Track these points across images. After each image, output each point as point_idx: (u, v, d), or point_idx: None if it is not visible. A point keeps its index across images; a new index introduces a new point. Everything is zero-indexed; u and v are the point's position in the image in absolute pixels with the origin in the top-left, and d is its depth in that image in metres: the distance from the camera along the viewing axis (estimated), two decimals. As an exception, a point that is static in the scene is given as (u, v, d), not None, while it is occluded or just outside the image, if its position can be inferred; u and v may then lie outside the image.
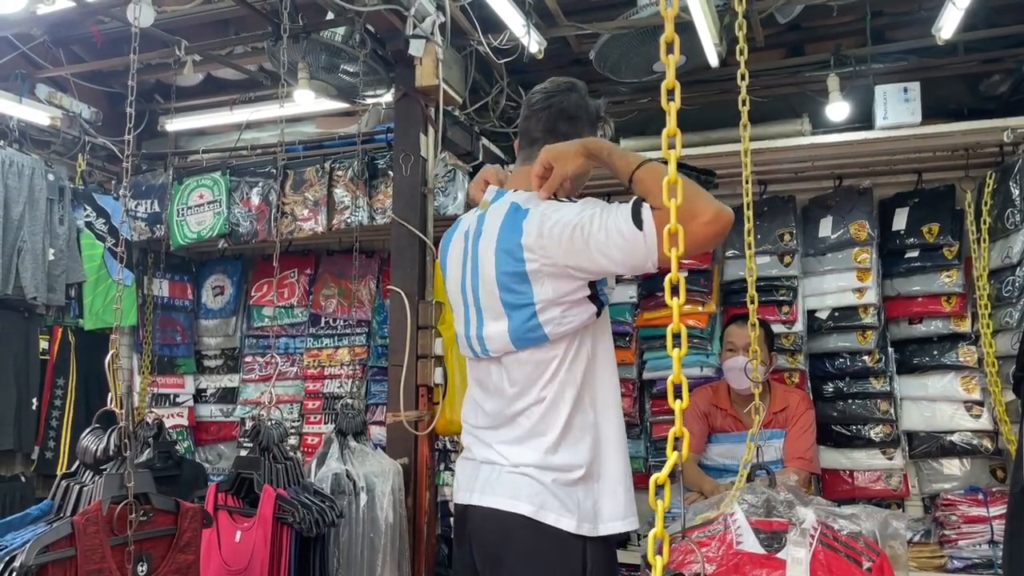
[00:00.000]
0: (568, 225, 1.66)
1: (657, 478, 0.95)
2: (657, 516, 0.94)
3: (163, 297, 4.80)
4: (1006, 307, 3.17)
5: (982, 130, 3.18)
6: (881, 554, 1.81)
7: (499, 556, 1.77)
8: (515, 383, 1.83)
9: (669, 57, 1.02)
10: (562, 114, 1.90)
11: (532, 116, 1.93)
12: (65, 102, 4.14)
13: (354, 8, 2.81)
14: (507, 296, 1.78)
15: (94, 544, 1.57)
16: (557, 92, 1.92)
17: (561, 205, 1.73)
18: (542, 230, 1.70)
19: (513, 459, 1.81)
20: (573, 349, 1.81)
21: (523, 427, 1.82)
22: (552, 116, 1.90)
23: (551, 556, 1.72)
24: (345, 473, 2.46)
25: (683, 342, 0.99)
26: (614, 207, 1.65)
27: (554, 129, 1.89)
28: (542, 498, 1.73)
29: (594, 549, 1.72)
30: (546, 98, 1.92)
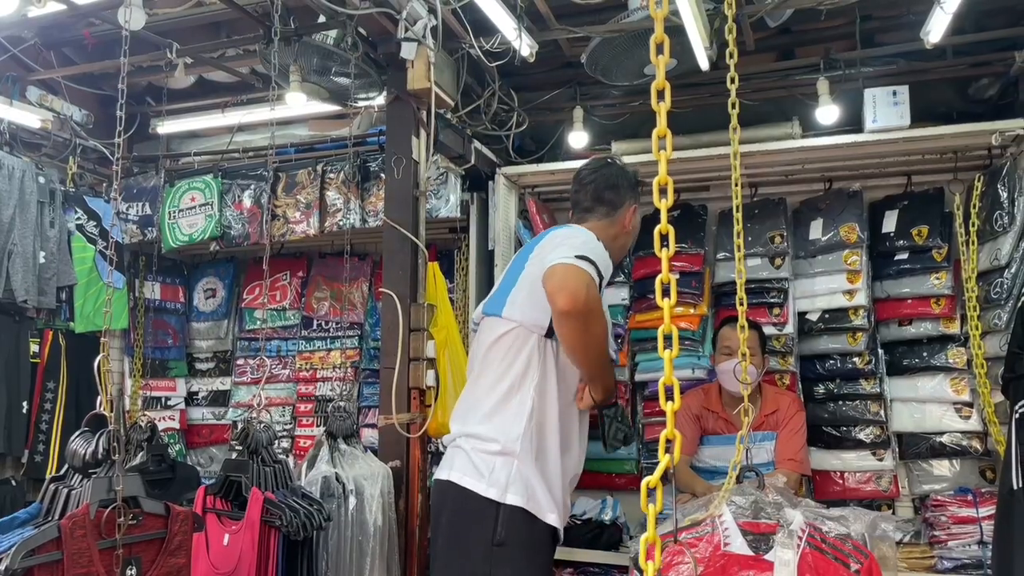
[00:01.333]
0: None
1: (648, 481, 0.95)
2: (649, 520, 0.94)
3: (155, 300, 4.78)
4: (995, 309, 3.19)
5: (971, 133, 3.19)
6: (869, 556, 1.82)
7: (438, 517, 2.24)
8: (475, 362, 2.36)
9: (659, 58, 1.03)
10: (607, 184, 2.41)
11: (581, 189, 2.44)
12: (56, 105, 4.13)
13: (346, 11, 2.81)
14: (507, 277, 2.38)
15: (81, 548, 1.56)
16: (601, 167, 2.46)
17: (567, 243, 2.15)
18: (544, 248, 2.20)
19: (454, 432, 2.29)
20: (529, 340, 2.21)
21: (468, 401, 2.31)
22: (598, 188, 2.41)
23: (468, 516, 2.13)
24: (334, 476, 2.46)
25: (675, 344, 0.99)
26: (571, 245, 2.13)
27: (601, 198, 2.41)
28: (464, 465, 2.17)
29: (508, 516, 2.09)
30: (591, 173, 2.46)
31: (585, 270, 2.00)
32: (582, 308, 1.98)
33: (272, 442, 2.24)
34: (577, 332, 2.04)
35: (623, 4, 3.05)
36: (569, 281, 1.98)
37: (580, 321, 2.01)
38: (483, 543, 2.08)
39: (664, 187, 1.10)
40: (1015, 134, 3.11)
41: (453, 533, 2.15)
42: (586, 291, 1.98)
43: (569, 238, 2.18)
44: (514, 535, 2.07)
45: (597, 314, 2.06)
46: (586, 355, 2.12)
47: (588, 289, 1.99)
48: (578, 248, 2.07)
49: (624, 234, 2.44)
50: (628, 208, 2.42)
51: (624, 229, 2.43)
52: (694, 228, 3.82)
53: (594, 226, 2.36)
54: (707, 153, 3.48)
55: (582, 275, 1.99)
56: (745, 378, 2.15)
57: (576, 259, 2.02)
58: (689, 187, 3.93)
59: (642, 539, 0.97)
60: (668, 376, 1.04)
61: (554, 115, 4.07)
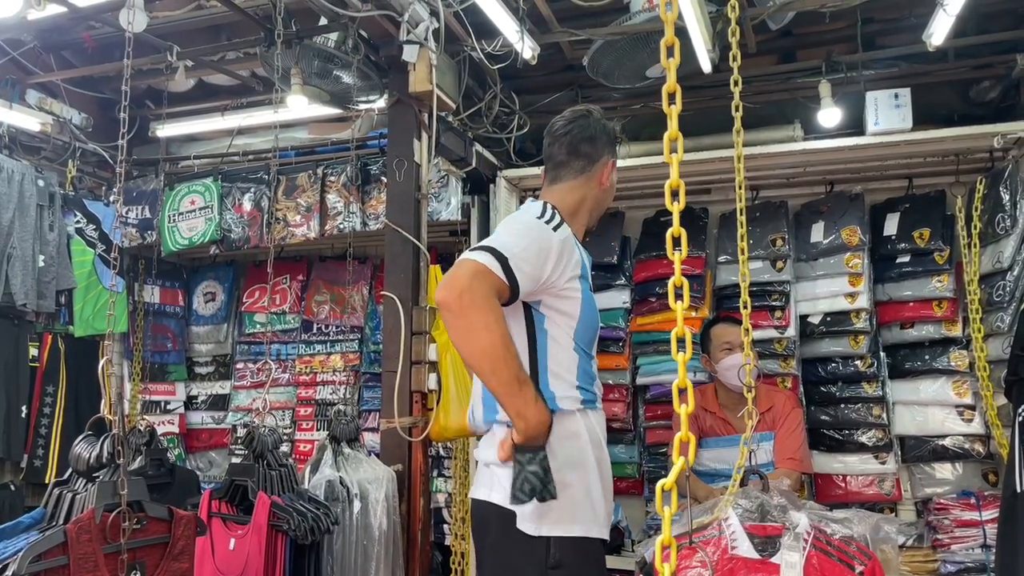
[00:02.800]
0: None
1: (664, 484, 0.94)
2: (664, 522, 0.93)
3: (154, 304, 4.77)
4: (997, 311, 3.19)
5: (972, 136, 3.20)
6: (873, 558, 1.82)
7: (482, 540, 2.02)
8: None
9: (670, 61, 1.02)
10: (583, 136, 2.10)
11: (555, 142, 2.13)
12: (55, 108, 4.12)
13: (347, 14, 2.81)
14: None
15: (87, 552, 1.55)
16: (576, 119, 2.13)
17: (523, 215, 2.03)
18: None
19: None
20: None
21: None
22: (574, 139, 2.10)
23: (514, 545, 1.89)
24: (339, 480, 2.45)
25: (688, 346, 0.98)
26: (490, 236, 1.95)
27: (576, 150, 2.10)
28: (488, 481, 1.96)
29: (559, 543, 1.86)
30: (566, 124, 2.12)
31: (474, 259, 1.77)
32: (454, 300, 1.73)
33: (278, 446, 2.23)
34: (454, 331, 1.77)
35: (625, 7, 3.06)
36: (452, 272, 1.78)
37: (453, 316, 1.75)
38: (537, 569, 1.84)
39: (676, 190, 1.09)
40: (1017, 137, 3.12)
41: (500, 562, 1.93)
42: (468, 281, 1.74)
43: (503, 224, 2.00)
44: (569, 556, 1.84)
45: (479, 309, 1.73)
46: (471, 361, 1.82)
47: (472, 279, 1.74)
48: (495, 238, 1.88)
49: (601, 191, 2.14)
50: (606, 162, 2.12)
51: (601, 186, 2.13)
52: (695, 231, 3.82)
53: (568, 187, 2.11)
54: (709, 156, 3.49)
55: (466, 265, 1.77)
56: (749, 380, 2.14)
57: (473, 251, 1.81)
58: (691, 190, 3.89)
59: (657, 541, 0.96)
60: (682, 379, 1.04)
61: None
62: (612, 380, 3.79)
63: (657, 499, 0.94)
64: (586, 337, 1.99)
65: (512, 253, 1.80)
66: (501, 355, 1.75)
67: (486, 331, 1.74)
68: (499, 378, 1.76)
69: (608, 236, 3.86)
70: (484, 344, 1.74)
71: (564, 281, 1.91)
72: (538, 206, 2.02)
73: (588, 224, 2.17)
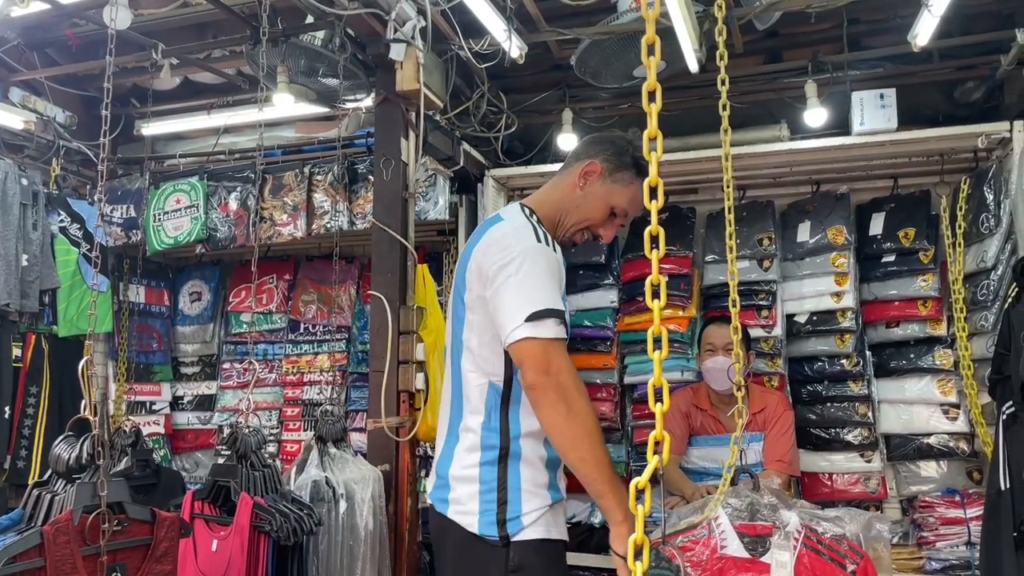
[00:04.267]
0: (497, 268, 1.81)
1: (637, 483, 0.94)
2: (637, 521, 0.93)
3: (139, 303, 4.74)
4: (981, 311, 3.21)
5: (957, 136, 3.22)
6: (865, 556, 1.82)
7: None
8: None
9: (651, 59, 1.02)
10: (588, 139, 2.12)
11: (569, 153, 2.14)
12: (39, 106, 4.08)
13: (334, 12, 2.79)
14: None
15: (64, 555, 1.53)
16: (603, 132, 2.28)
17: (524, 241, 1.83)
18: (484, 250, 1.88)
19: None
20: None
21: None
22: (581, 143, 2.13)
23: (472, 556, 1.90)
24: (325, 480, 2.44)
25: (664, 345, 0.98)
26: (521, 286, 1.77)
27: (575, 151, 2.11)
28: (444, 495, 1.94)
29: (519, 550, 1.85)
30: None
31: (549, 337, 1.71)
32: (552, 385, 1.69)
33: (261, 446, 2.22)
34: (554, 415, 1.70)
35: (612, 7, 3.06)
36: (536, 356, 1.71)
37: (550, 402, 1.70)
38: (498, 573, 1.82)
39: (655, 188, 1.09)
40: (1000, 137, 3.14)
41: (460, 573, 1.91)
42: (557, 363, 1.70)
43: (527, 270, 1.78)
44: (529, 558, 1.82)
45: (576, 392, 1.70)
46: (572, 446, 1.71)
47: (559, 358, 1.71)
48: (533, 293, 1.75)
49: (573, 192, 2.01)
50: (587, 163, 2.01)
51: (573, 185, 2.01)
52: (683, 231, 3.83)
53: (552, 184, 2.07)
54: (695, 156, 3.49)
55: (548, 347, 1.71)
56: (739, 379, 2.15)
57: (535, 322, 1.71)
58: (677, 190, 3.93)
59: (630, 540, 0.96)
60: (658, 377, 1.03)
61: (543, 117, 4.06)
62: (600, 379, 3.79)
63: (631, 498, 0.93)
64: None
65: (557, 302, 1.76)
66: (601, 444, 1.71)
67: (584, 416, 1.69)
68: (602, 466, 1.69)
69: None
70: (587, 429, 1.69)
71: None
72: (524, 223, 1.89)
73: (560, 233, 2.03)
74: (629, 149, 2.02)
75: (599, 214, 2.02)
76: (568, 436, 1.69)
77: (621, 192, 2.01)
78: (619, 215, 2.04)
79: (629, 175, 2.01)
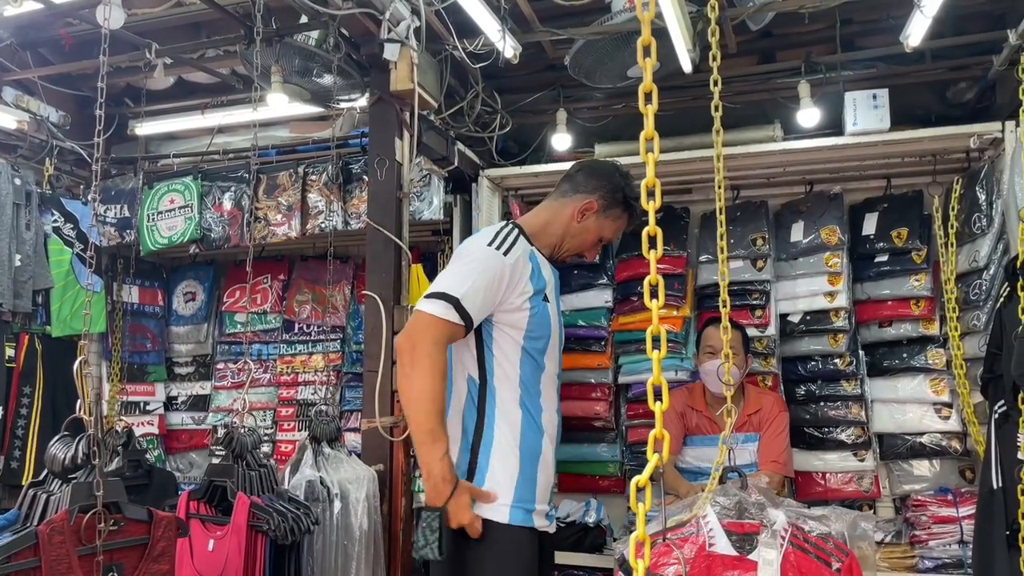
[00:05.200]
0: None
1: (638, 480, 0.94)
2: (638, 519, 0.93)
3: (133, 303, 4.72)
4: (973, 310, 3.23)
5: (949, 136, 3.23)
6: (850, 554, 1.84)
7: None
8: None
9: (646, 60, 1.02)
10: (586, 170, 2.38)
11: (565, 176, 2.43)
12: (32, 105, 4.06)
13: (328, 11, 2.79)
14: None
15: (60, 554, 1.53)
16: (597, 161, 2.59)
17: (474, 243, 2.22)
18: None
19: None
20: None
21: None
22: (576, 170, 2.40)
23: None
24: (319, 480, 2.44)
25: (663, 344, 0.99)
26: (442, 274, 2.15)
27: (571, 176, 2.38)
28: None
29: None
30: (583, 163, 2.49)
31: (428, 312, 2.02)
32: (407, 351, 2.02)
33: (257, 446, 2.21)
34: (399, 378, 2.09)
35: (606, 7, 3.06)
36: (409, 324, 2.08)
37: (400, 364, 2.07)
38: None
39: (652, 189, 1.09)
40: (993, 137, 3.15)
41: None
42: (420, 333, 2.01)
43: (455, 259, 2.19)
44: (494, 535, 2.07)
45: (421, 363, 1.99)
46: (404, 406, 2.08)
47: (424, 331, 2.01)
48: (446, 278, 2.09)
49: (569, 223, 2.31)
50: (586, 201, 2.30)
51: (571, 217, 2.31)
52: (677, 231, 3.84)
53: (544, 206, 2.36)
54: (689, 156, 3.50)
55: (420, 319, 2.03)
56: (728, 379, 2.16)
57: (427, 299, 2.04)
58: (671, 190, 3.94)
59: (631, 538, 0.96)
60: (657, 376, 1.04)
61: (537, 117, 4.07)
62: (594, 379, 3.80)
63: (631, 496, 0.94)
64: (536, 347, 2.17)
65: (461, 293, 2.01)
66: (426, 408, 1.99)
67: (420, 381, 1.98)
68: (419, 426, 2.00)
69: (590, 235, 3.87)
70: (416, 393, 2.00)
71: (516, 300, 2.11)
72: (491, 231, 2.19)
73: (557, 252, 2.33)
74: (623, 188, 2.33)
75: (589, 243, 2.37)
76: (403, 396, 2.05)
77: (611, 226, 2.36)
78: (604, 241, 2.41)
79: (619, 211, 2.34)
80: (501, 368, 2.15)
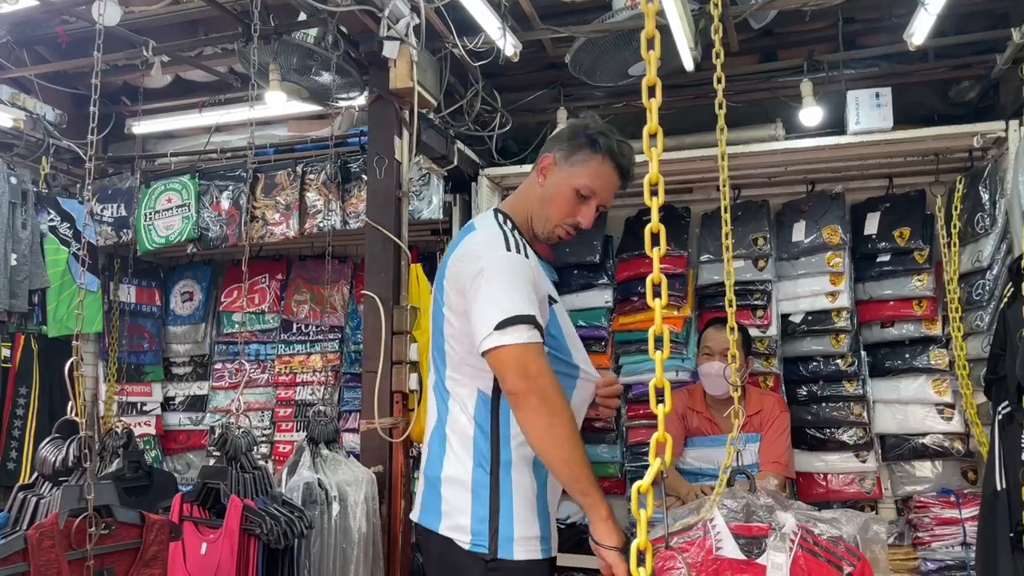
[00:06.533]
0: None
1: (640, 486, 0.91)
2: (640, 526, 0.90)
3: (130, 303, 4.70)
4: (976, 310, 3.20)
5: (952, 135, 3.21)
6: (862, 558, 1.80)
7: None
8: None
9: (650, 53, 0.99)
10: (560, 132, 2.08)
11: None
12: (29, 104, 4.04)
13: (327, 9, 2.77)
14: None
15: (49, 559, 1.50)
16: (575, 121, 2.13)
17: (494, 251, 1.81)
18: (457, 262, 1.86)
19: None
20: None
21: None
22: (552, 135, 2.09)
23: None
24: (317, 482, 2.41)
25: (666, 345, 0.96)
26: (489, 296, 1.74)
27: (548, 144, 2.05)
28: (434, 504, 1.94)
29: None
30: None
31: (524, 343, 1.68)
32: (532, 391, 1.67)
33: (251, 448, 2.19)
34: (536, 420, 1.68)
35: (607, 5, 3.04)
36: (513, 362, 1.68)
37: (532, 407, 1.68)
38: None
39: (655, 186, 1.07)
40: (996, 136, 3.13)
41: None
42: (535, 366, 1.68)
43: (492, 279, 1.76)
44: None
45: (554, 395, 1.68)
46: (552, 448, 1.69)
47: (537, 362, 1.69)
48: (501, 302, 1.71)
49: (536, 190, 1.98)
50: (548, 156, 1.98)
51: (535, 185, 1.99)
52: (677, 230, 3.81)
53: (519, 189, 2.06)
54: (690, 155, 3.48)
55: (526, 352, 1.68)
56: (735, 379, 2.13)
57: (504, 329, 1.68)
58: (672, 189, 3.92)
59: (632, 546, 0.93)
60: (659, 378, 1.01)
61: (537, 116, 4.04)
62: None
63: (633, 502, 0.91)
64: (553, 344, 1.94)
65: (527, 308, 1.71)
66: (580, 446, 1.68)
67: (561, 419, 1.67)
68: (583, 470, 1.68)
69: (590, 235, 3.83)
70: (565, 435, 1.67)
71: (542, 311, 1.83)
72: (500, 237, 1.85)
73: (537, 232, 2.00)
74: (583, 128, 1.99)
75: (565, 201, 1.95)
76: (549, 439, 1.67)
77: (580, 172, 1.95)
78: (588, 195, 1.96)
79: (585, 153, 1.96)
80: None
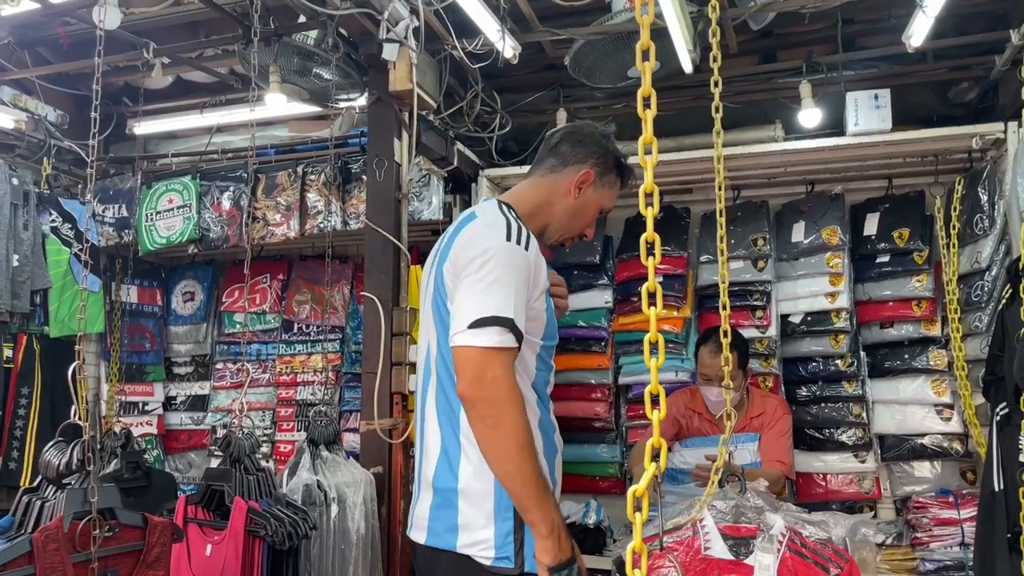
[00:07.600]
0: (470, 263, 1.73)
1: (636, 490, 0.92)
2: (635, 529, 0.92)
3: (131, 303, 4.71)
4: (975, 311, 3.21)
5: (951, 137, 3.22)
6: (850, 561, 1.82)
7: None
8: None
9: (645, 64, 1.01)
10: (570, 139, 2.01)
11: (544, 145, 2.06)
12: (30, 105, 4.05)
13: (326, 11, 2.78)
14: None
15: (54, 562, 1.51)
16: (574, 126, 2.09)
17: (490, 239, 1.75)
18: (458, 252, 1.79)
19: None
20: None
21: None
22: (560, 141, 2.02)
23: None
24: (316, 483, 2.42)
25: (661, 352, 0.97)
26: (473, 289, 1.69)
27: (556, 150, 2.02)
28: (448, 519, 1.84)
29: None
30: (561, 131, 2.08)
31: (487, 346, 1.62)
32: (479, 396, 1.63)
33: (255, 450, 2.20)
34: (480, 427, 1.64)
35: (607, 6, 3.05)
36: (468, 363, 1.64)
37: (477, 413, 1.64)
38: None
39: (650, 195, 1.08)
40: (995, 138, 3.14)
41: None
42: (490, 372, 1.62)
43: (483, 268, 1.70)
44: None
45: (506, 403, 1.62)
46: (497, 458, 1.65)
47: (494, 368, 1.62)
48: (486, 297, 1.67)
49: (568, 199, 1.97)
50: (581, 171, 1.96)
51: (567, 193, 1.96)
52: (677, 231, 3.82)
53: (532, 183, 2.01)
54: (690, 156, 3.49)
55: (485, 357, 1.63)
56: (728, 382, 2.13)
57: (477, 329, 1.63)
58: (672, 190, 3.93)
59: (628, 548, 0.95)
60: (654, 384, 1.03)
61: (537, 117, 4.05)
62: (594, 380, 3.78)
63: (628, 505, 0.92)
64: (548, 347, 1.90)
65: (512, 312, 1.66)
66: (529, 455, 1.63)
67: (509, 429, 1.62)
68: (528, 478, 1.62)
69: (590, 235, 3.85)
70: (509, 443, 1.62)
71: (537, 304, 1.80)
72: (502, 224, 1.79)
73: (550, 236, 2.00)
74: (612, 151, 2.03)
75: (591, 218, 2.05)
76: (494, 450, 1.64)
77: (609, 195, 2.04)
78: (603, 212, 2.07)
79: (613, 177, 2.03)
80: (520, 376, 1.78)
